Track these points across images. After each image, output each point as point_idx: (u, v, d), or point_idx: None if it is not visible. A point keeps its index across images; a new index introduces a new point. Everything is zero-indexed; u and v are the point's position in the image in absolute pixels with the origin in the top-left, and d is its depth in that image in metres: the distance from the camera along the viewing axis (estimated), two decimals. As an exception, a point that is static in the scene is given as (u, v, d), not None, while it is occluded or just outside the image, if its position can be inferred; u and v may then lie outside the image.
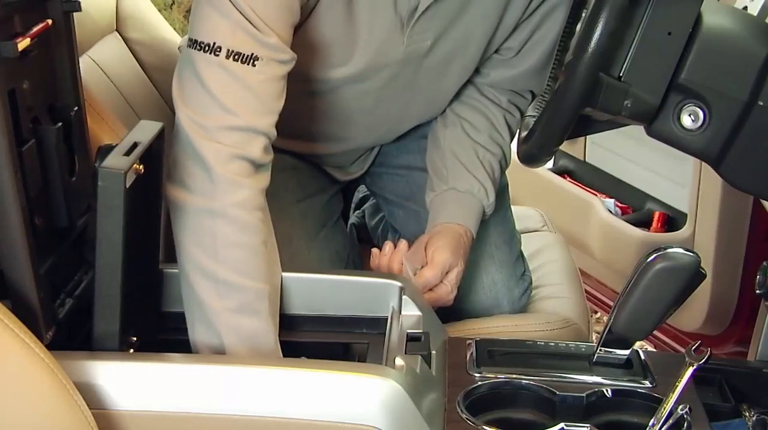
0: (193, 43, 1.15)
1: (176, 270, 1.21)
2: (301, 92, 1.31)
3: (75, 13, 1.13)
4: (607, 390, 1.13)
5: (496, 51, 1.45)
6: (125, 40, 1.71)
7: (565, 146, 1.86)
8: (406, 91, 1.42)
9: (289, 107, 1.21)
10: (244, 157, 1.14)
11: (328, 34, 1.30)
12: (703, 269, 1.11)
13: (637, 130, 1.15)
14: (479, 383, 1.14)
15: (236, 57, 1.13)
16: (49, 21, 1.07)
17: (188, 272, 1.15)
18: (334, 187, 1.61)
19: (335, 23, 1.29)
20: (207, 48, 1.13)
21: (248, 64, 1.14)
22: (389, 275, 1.30)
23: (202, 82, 1.14)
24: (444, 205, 1.44)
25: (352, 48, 1.32)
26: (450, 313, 1.45)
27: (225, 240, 1.13)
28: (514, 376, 1.15)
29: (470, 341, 1.22)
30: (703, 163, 1.40)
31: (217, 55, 1.13)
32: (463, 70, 1.43)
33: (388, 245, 1.39)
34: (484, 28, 1.38)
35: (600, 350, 1.17)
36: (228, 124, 1.13)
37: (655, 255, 1.10)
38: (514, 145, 1.42)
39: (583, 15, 1.14)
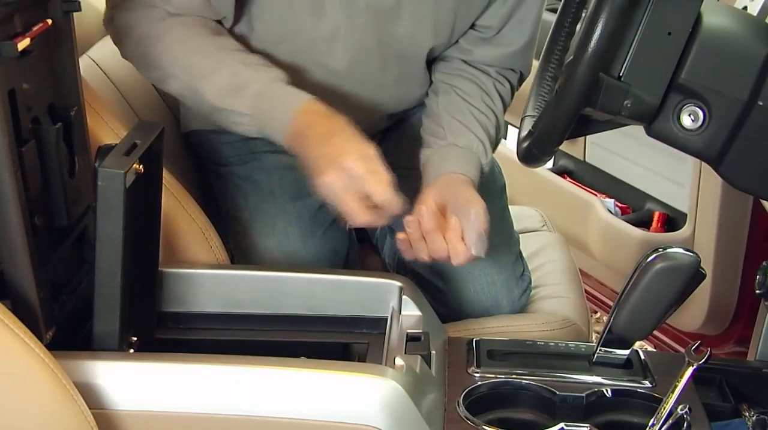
0: None
1: (176, 270, 1.22)
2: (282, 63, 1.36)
3: (75, 13, 1.13)
4: (607, 390, 1.13)
5: (473, 27, 1.46)
6: (125, 40, 1.70)
7: (565, 146, 1.86)
8: (378, 57, 1.42)
9: None
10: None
11: None
12: (703, 269, 1.11)
13: (637, 130, 1.15)
14: (479, 383, 1.14)
15: None
16: (49, 21, 1.08)
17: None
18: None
19: None
20: None
21: None
22: (389, 274, 1.29)
23: None
24: (446, 158, 1.40)
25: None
26: (450, 313, 1.45)
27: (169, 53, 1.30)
28: (514, 376, 1.15)
29: (470, 341, 1.22)
30: (703, 163, 1.40)
31: None
32: (433, 37, 1.43)
33: (412, 220, 1.27)
34: None
35: (600, 350, 1.17)
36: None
37: (655, 255, 1.10)
38: (513, 145, 1.41)
39: (583, 15, 1.14)
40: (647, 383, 1.14)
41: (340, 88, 1.44)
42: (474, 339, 1.23)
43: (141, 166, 1.06)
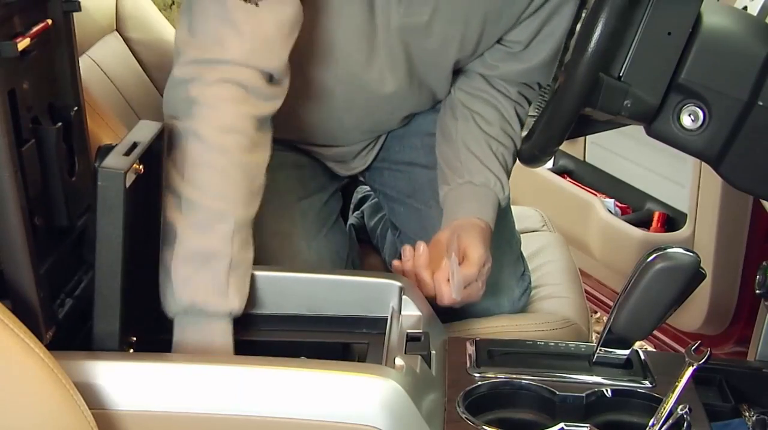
0: None
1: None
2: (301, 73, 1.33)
3: (75, 13, 1.13)
4: (607, 390, 1.13)
5: (500, 42, 1.45)
6: (125, 40, 1.71)
7: (565, 146, 1.86)
8: (406, 68, 1.42)
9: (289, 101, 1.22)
10: (230, 81, 1.16)
11: None
12: (703, 269, 1.11)
13: (637, 130, 1.15)
14: (479, 383, 1.14)
15: None
16: (49, 21, 1.08)
17: (164, 192, 1.16)
18: (333, 185, 1.61)
19: None
20: None
21: (250, 3, 1.17)
22: (389, 274, 1.29)
23: (204, 20, 1.18)
24: (461, 200, 1.42)
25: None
26: (450, 313, 1.45)
27: (194, 159, 1.14)
28: (514, 376, 1.15)
29: (470, 341, 1.22)
30: (703, 163, 1.40)
31: None
32: (458, 52, 1.43)
33: (407, 250, 1.32)
34: (480, 15, 1.38)
35: (600, 350, 1.17)
36: (215, 57, 1.17)
37: (655, 255, 1.10)
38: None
39: (583, 15, 1.14)
40: (647, 383, 1.14)
41: (363, 92, 1.44)
42: (474, 339, 1.23)
43: (141, 166, 1.06)
